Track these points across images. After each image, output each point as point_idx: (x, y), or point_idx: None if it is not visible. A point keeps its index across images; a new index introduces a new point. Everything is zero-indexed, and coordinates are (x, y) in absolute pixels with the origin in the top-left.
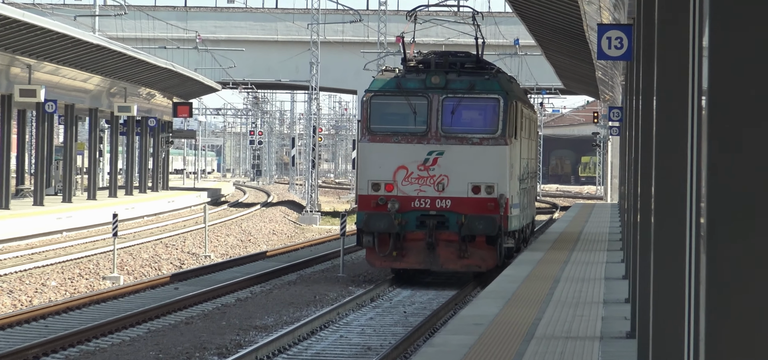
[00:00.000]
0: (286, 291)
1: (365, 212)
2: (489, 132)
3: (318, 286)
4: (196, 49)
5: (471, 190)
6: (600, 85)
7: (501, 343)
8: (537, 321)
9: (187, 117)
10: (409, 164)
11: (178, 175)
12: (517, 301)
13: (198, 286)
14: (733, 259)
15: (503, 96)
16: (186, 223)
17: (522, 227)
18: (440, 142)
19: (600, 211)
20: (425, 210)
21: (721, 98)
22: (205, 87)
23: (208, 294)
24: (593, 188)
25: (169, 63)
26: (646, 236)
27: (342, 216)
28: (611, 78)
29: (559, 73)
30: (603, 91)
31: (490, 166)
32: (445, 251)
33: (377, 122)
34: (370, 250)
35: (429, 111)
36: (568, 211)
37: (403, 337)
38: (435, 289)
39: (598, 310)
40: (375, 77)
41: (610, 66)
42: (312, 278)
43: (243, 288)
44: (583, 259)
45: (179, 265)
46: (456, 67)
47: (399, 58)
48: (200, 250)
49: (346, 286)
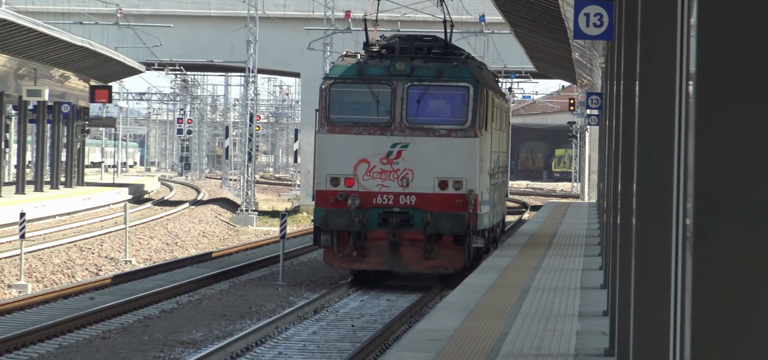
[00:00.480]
0: (218, 301)
1: (323, 209)
2: (457, 123)
3: (254, 296)
4: (117, 26)
5: (438, 186)
6: (577, 68)
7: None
8: (503, 336)
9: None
10: (371, 157)
11: (96, 168)
12: (480, 314)
13: (117, 295)
14: (723, 266)
15: (473, 84)
16: (104, 224)
17: (492, 226)
18: (405, 134)
19: (576, 211)
20: (388, 207)
21: (710, 83)
22: (127, 68)
23: (129, 305)
24: (569, 185)
25: (86, 41)
26: (626, 240)
27: (282, 216)
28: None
29: (531, 55)
30: (580, 75)
31: (459, 159)
32: (409, 251)
33: (337, 112)
34: (329, 250)
35: (393, 100)
36: (540, 211)
37: (351, 355)
38: (392, 295)
39: (572, 325)
40: (334, 63)
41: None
42: (247, 287)
43: (168, 298)
44: (557, 265)
45: (96, 272)
46: (422, 52)
47: (348, 37)
48: (120, 255)
49: (286, 295)
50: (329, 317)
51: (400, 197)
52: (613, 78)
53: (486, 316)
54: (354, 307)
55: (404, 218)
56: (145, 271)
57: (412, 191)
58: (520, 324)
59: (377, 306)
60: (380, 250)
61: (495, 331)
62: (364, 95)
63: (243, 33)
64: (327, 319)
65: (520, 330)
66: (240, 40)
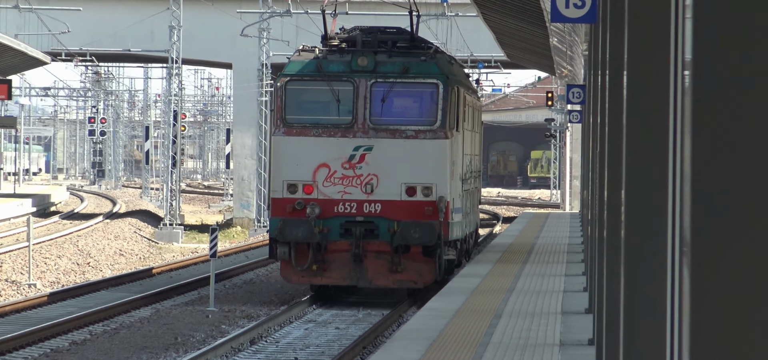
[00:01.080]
0: (138, 331)
1: (280, 219)
2: (426, 123)
3: (180, 324)
4: (17, 9)
5: (405, 192)
6: (555, 56)
7: None
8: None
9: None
10: (331, 162)
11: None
12: (444, 344)
13: (19, 324)
14: (726, 282)
15: (443, 80)
16: (3, 241)
17: (464, 236)
18: (369, 136)
19: (555, 223)
20: (351, 215)
21: (709, 73)
22: (29, 59)
23: (33, 336)
24: (547, 193)
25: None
26: (614, 256)
27: (212, 231)
28: (570, 47)
29: (501, 41)
30: (559, 65)
31: (428, 163)
32: (374, 264)
33: (294, 112)
34: (286, 264)
35: (355, 99)
36: (514, 224)
37: None
38: (342, 323)
39: (552, 356)
40: (291, 59)
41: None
42: (172, 314)
43: (79, 327)
44: (534, 286)
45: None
46: (387, 46)
47: (288, 21)
48: (22, 277)
49: (217, 323)
50: (268, 349)
51: (364, 205)
52: (598, 67)
53: (451, 346)
54: (297, 336)
55: (368, 228)
56: (52, 297)
57: (377, 198)
58: (491, 355)
59: (325, 335)
60: (342, 263)
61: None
62: (323, 93)
63: (165, 17)
64: (266, 351)
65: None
66: (161, 26)
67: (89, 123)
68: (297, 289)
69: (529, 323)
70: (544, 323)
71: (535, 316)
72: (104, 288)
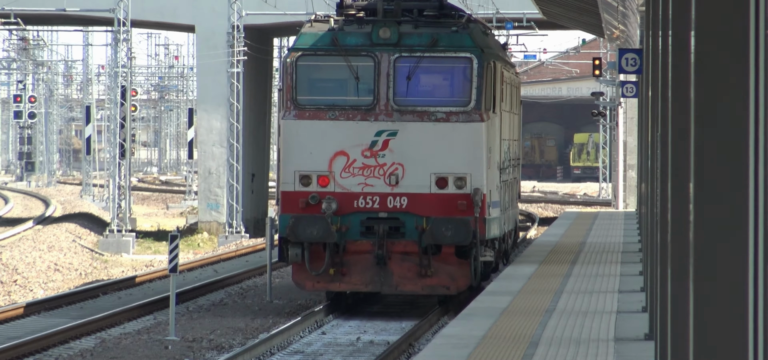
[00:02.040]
0: None
1: (291, 215)
2: (458, 104)
3: (132, 358)
4: None
5: (435, 184)
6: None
7: None
8: None
9: None
10: (350, 149)
11: None
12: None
13: None
14: None
15: (477, 54)
16: None
17: (503, 235)
18: (392, 119)
19: (606, 225)
20: (373, 211)
21: None
22: None
23: None
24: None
25: None
26: (681, 268)
27: (172, 238)
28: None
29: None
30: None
31: (461, 150)
32: (400, 267)
33: (306, 92)
34: (299, 268)
35: (377, 76)
36: (552, 227)
37: None
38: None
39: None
40: (302, 31)
41: None
42: (121, 344)
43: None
44: (578, 306)
45: None
46: (412, 14)
47: None
48: None
49: (179, 357)
50: None
51: (388, 199)
52: (658, 28)
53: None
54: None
55: (393, 226)
56: None
57: (402, 191)
58: (544, 350)
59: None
60: (364, 266)
61: None
62: (340, 70)
63: None
64: None
65: None
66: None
67: (14, 102)
68: (277, 308)
69: (573, 352)
70: (592, 352)
71: (581, 343)
72: (35, 313)
